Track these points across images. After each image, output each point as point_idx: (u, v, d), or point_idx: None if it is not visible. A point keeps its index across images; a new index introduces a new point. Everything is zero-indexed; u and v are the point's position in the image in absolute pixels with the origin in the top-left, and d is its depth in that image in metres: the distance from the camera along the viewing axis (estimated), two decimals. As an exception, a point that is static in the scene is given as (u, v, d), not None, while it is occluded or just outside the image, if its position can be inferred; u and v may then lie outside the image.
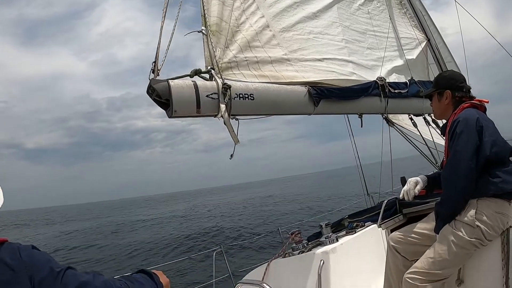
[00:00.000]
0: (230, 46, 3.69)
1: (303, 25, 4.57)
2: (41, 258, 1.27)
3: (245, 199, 50.48)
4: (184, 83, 3.20)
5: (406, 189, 3.26)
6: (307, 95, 3.90)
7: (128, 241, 22.00)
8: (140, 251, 17.85)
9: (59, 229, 38.81)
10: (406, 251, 3.14)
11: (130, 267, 13.66)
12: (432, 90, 3.20)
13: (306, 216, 21.49)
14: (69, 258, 19.14)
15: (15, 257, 1.21)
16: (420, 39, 6.31)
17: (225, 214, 32.25)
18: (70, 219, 59.52)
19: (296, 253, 4.21)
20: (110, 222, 39.73)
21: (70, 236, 30.72)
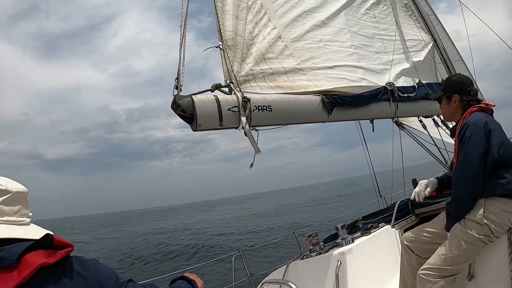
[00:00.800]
0: (246, 60, 3.90)
1: (313, 33, 4.76)
2: (107, 270, 1.42)
3: (264, 208, 50.66)
4: (207, 98, 3.41)
5: (417, 190, 3.44)
6: (321, 103, 4.11)
7: (151, 249, 22.28)
8: (162, 257, 18.13)
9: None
10: (419, 249, 3.30)
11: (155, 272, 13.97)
12: (441, 94, 3.36)
13: (320, 218, 21.68)
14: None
15: (85, 267, 1.34)
16: (426, 41, 6.47)
17: (243, 222, 32.41)
18: (92, 229, 60.15)
19: (313, 255, 4.38)
20: (135, 230, 40.31)
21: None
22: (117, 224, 64.90)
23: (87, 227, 68.17)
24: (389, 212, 4.90)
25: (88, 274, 1.33)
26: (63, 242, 1.33)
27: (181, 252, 18.83)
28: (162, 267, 15.72)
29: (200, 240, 22.53)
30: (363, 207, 7.44)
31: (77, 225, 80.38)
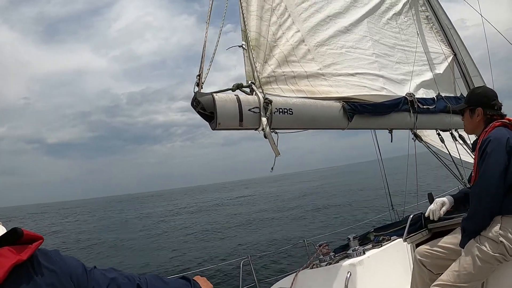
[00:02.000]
0: (268, 61, 3.86)
1: (336, 39, 4.72)
2: (73, 261, 1.38)
3: (267, 194, 50.69)
4: (228, 97, 3.37)
5: (433, 208, 3.40)
6: (342, 110, 4.06)
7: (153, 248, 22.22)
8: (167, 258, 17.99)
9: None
10: (432, 265, 3.26)
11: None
12: (464, 106, 3.31)
13: (331, 219, 21.54)
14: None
15: (52, 260, 1.31)
16: (446, 54, 6.42)
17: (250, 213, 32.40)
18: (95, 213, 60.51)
19: (323, 265, 4.34)
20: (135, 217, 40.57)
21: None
22: (118, 209, 65.34)
23: (90, 209, 68.65)
24: (401, 226, 4.85)
25: (56, 267, 1.29)
26: (31, 235, 1.27)
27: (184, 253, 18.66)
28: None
29: (209, 241, 22.46)
30: (375, 219, 7.39)
31: (79, 209, 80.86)
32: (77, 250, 23.36)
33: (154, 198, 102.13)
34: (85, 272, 1.36)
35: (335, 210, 27.30)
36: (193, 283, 1.73)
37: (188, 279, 1.75)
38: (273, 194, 51.24)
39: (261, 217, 28.45)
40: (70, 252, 21.23)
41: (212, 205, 47.43)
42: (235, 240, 19.23)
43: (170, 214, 41.53)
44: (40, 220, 53.85)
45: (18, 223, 46.95)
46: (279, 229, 21.86)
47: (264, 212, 31.99)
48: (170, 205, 57.04)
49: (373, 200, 26.05)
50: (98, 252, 22.85)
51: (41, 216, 63.41)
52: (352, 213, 23.85)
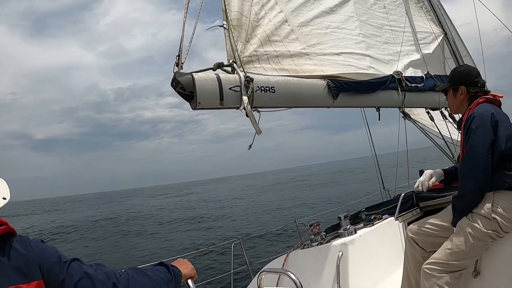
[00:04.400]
0: (250, 41, 3.79)
1: (321, 19, 4.64)
2: (49, 250, 1.41)
3: (257, 189, 50.47)
4: (208, 76, 3.31)
5: (422, 180, 3.33)
6: (326, 88, 3.99)
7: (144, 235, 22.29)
8: (157, 244, 18.02)
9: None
10: (424, 243, 3.20)
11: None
12: (447, 85, 3.25)
13: (322, 205, 21.50)
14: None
15: (27, 246, 1.35)
16: (436, 33, 6.34)
17: (240, 204, 32.38)
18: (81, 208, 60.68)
19: (314, 245, 4.28)
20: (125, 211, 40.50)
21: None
22: (107, 204, 65.58)
23: (76, 206, 68.91)
24: (393, 204, 4.80)
25: (28, 254, 1.33)
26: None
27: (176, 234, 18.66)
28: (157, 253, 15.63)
29: (199, 224, 22.50)
30: (366, 199, 7.32)
31: (68, 205, 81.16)
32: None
33: (141, 193, 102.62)
34: (59, 262, 1.38)
35: (326, 194, 27.27)
36: (171, 269, 1.75)
37: (166, 265, 1.77)
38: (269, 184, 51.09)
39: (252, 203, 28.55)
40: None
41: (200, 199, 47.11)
42: (226, 224, 19.29)
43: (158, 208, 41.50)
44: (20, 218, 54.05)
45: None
46: (270, 212, 21.87)
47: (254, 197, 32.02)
48: (156, 200, 57.14)
49: (365, 183, 26.00)
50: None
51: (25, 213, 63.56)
52: (343, 194, 23.82)
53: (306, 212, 22.26)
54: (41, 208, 72.82)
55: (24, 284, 1.27)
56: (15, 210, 63.40)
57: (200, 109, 3.28)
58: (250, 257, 5.07)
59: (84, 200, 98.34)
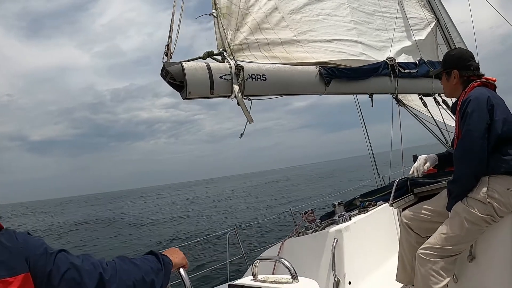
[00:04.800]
0: (240, 29, 3.75)
1: (312, 7, 4.60)
2: (35, 242, 1.38)
3: (252, 187, 50.19)
4: (198, 65, 3.26)
5: (416, 165, 3.30)
6: (318, 75, 3.95)
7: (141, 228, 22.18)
8: (154, 236, 17.92)
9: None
10: (419, 228, 3.18)
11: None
12: (440, 70, 3.21)
13: (317, 196, 21.49)
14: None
15: (12, 239, 1.32)
16: (429, 19, 6.30)
17: (236, 200, 32.28)
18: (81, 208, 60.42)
19: (309, 232, 4.27)
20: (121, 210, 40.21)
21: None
22: (105, 204, 65.44)
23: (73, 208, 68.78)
24: (387, 191, 4.79)
25: (13, 246, 1.30)
26: None
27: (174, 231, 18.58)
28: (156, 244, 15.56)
29: (192, 222, 22.43)
30: (360, 186, 7.30)
31: (64, 206, 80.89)
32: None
33: (136, 194, 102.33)
34: (46, 254, 1.35)
35: (322, 187, 27.23)
36: (161, 258, 1.71)
37: (156, 254, 1.73)
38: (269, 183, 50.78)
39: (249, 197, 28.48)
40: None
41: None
42: (221, 214, 19.23)
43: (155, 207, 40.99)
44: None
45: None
46: (265, 204, 21.81)
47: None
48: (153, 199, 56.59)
49: (359, 171, 25.95)
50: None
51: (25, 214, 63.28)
52: (338, 182, 23.78)
53: (302, 202, 22.33)
54: (22, 211, 72.20)
55: (11, 277, 1.24)
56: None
57: (190, 99, 3.24)
58: (246, 246, 5.05)
59: (74, 202, 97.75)
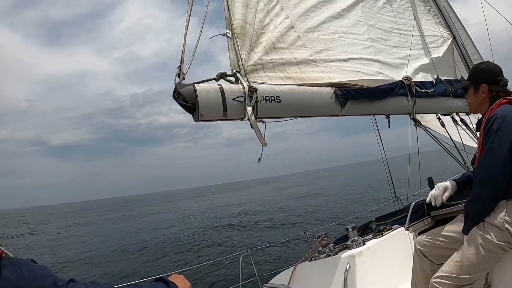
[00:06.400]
0: (255, 49, 3.59)
1: (328, 25, 4.44)
2: (42, 272, 1.24)
3: (270, 195, 49.28)
4: (210, 87, 3.11)
5: (435, 194, 3.12)
6: (334, 96, 3.77)
7: (155, 240, 21.64)
8: (165, 251, 17.47)
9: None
10: (433, 255, 3.02)
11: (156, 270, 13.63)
12: (468, 83, 3.03)
13: (333, 213, 21.04)
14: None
15: (17, 272, 1.17)
16: (445, 37, 6.10)
17: (251, 212, 31.59)
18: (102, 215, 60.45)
19: (322, 257, 4.10)
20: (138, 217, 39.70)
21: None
22: (121, 211, 65.27)
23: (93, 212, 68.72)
24: (403, 214, 4.60)
25: (19, 280, 1.15)
26: None
27: (185, 245, 18.06)
28: (162, 262, 15.08)
29: (206, 233, 21.91)
30: (379, 208, 7.07)
31: (83, 211, 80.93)
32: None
33: (154, 200, 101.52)
34: (55, 286, 1.22)
35: (338, 203, 26.67)
36: (171, 285, 1.60)
37: (165, 281, 1.61)
38: (275, 193, 49.88)
39: (262, 215, 27.75)
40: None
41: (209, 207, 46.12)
42: (235, 235, 18.66)
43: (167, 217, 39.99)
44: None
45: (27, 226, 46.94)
46: (280, 222, 21.28)
47: (266, 209, 31.20)
48: (164, 209, 55.51)
49: (376, 190, 25.41)
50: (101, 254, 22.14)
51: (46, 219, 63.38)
52: (355, 204, 23.26)
53: (317, 218, 21.87)
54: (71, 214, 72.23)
55: None
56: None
57: (203, 121, 3.08)
58: (259, 268, 4.85)
59: (102, 206, 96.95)
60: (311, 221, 21.16)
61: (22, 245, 31.40)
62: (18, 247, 29.56)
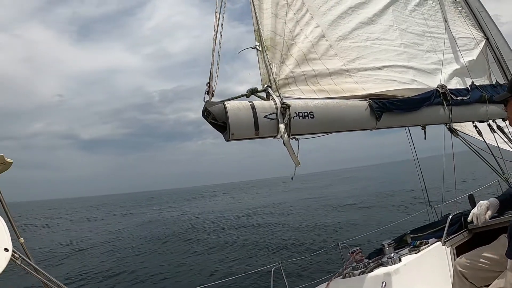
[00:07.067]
0: (286, 61, 3.41)
1: (360, 31, 4.22)
2: None
3: (300, 196, 48.06)
4: (241, 104, 2.94)
5: (477, 213, 2.93)
6: (368, 109, 3.55)
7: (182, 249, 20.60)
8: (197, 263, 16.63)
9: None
10: (474, 277, 2.86)
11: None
12: (507, 95, 2.85)
13: (364, 218, 20.42)
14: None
15: None
16: (478, 39, 5.82)
17: (278, 216, 30.41)
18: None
19: (356, 273, 3.91)
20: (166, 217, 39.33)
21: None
22: (150, 205, 65.29)
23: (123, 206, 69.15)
24: (439, 226, 4.39)
25: None
26: None
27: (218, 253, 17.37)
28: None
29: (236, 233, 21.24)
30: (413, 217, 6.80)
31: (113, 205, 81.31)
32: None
33: (182, 195, 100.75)
34: None
35: (369, 209, 25.90)
36: None
37: None
38: (301, 194, 48.51)
39: (290, 219, 26.89)
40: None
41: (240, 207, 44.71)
42: (266, 245, 17.96)
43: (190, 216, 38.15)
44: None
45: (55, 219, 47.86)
46: (311, 230, 20.64)
47: (292, 213, 30.33)
48: (193, 206, 54.10)
49: (409, 195, 24.67)
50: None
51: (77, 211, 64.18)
52: (387, 211, 22.55)
53: (346, 220, 21.25)
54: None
55: None
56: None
57: (234, 140, 2.92)
58: (291, 282, 4.66)
59: (135, 199, 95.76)
60: (341, 226, 20.67)
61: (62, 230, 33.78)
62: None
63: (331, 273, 4.21)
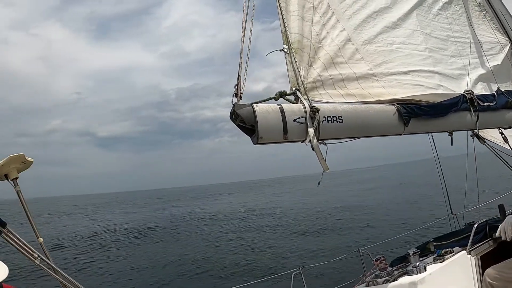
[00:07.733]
0: (313, 64, 3.33)
1: (385, 35, 4.13)
2: None
3: (315, 195, 47.20)
4: (270, 107, 2.87)
5: (505, 227, 2.83)
6: (397, 114, 3.46)
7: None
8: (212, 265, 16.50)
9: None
10: None
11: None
12: None
13: (385, 222, 20.05)
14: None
15: None
16: (502, 43, 5.67)
17: (295, 218, 29.84)
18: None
19: (380, 281, 3.81)
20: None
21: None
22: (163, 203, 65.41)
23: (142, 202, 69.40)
24: (463, 235, 4.26)
25: None
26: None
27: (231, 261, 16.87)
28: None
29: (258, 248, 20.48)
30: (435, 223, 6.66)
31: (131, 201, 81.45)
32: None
33: (195, 194, 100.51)
34: None
35: (389, 213, 25.39)
36: None
37: None
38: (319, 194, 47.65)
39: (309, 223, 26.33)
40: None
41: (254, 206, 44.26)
42: (285, 249, 17.52)
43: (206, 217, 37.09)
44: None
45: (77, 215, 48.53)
46: (331, 234, 20.23)
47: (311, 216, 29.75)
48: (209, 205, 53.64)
49: (429, 200, 24.22)
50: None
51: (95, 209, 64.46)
52: (408, 216, 22.04)
53: (367, 224, 20.91)
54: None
55: None
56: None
57: (262, 144, 2.85)
58: (311, 287, 4.57)
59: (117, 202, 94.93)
60: (362, 228, 20.33)
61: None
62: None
63: (351, 280, 4.11)
